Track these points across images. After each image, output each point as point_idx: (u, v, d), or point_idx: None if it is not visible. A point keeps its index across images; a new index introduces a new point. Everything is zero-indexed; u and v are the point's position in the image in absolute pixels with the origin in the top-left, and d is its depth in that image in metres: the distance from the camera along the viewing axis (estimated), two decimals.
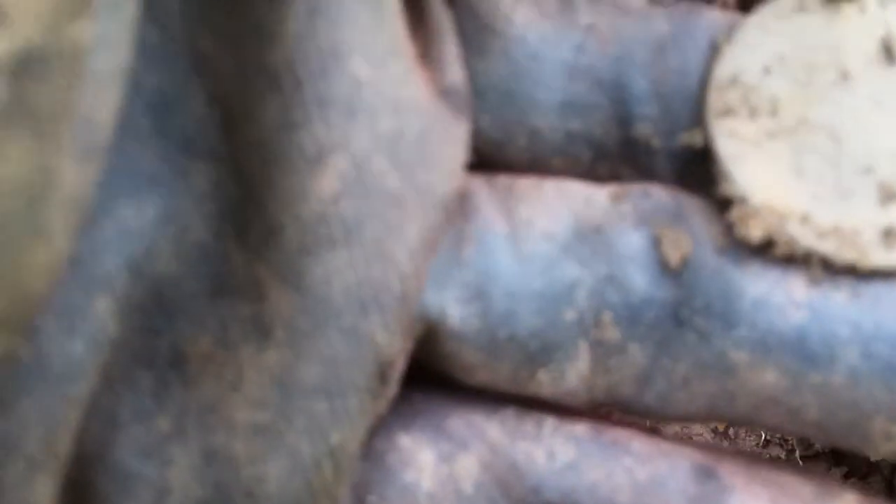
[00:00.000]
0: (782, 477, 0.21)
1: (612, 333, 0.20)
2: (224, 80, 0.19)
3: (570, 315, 0.20)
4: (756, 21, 0.22)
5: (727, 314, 0.20)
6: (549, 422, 0.21)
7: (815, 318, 0.19)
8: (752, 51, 0.22)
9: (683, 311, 0.20)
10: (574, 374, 0.21)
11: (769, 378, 0.20)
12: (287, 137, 0.19)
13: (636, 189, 0.21)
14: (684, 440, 0.21)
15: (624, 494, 0.20)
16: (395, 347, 0.20)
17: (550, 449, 0.21)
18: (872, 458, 0.21)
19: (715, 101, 0.21)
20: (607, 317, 0.20)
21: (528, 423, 0.21)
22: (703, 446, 0.21)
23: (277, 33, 0.18)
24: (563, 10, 0.21)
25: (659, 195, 0.21)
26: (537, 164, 0.21)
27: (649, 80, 0.21)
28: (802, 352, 0.19)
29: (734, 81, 0.21)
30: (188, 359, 0.19)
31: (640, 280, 0.20)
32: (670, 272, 0.20)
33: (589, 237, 0.20)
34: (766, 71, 0.21)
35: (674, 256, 0.20)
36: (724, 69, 0.21)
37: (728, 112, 0.21)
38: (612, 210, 0.21)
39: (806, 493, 0.20)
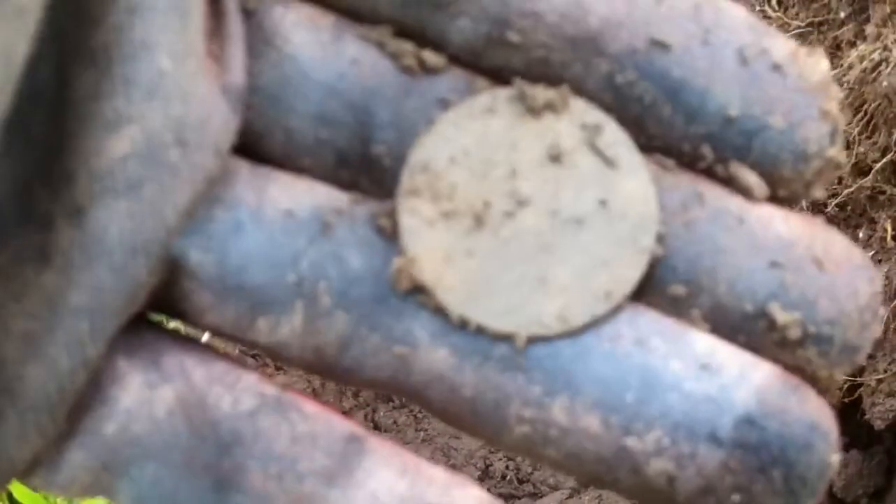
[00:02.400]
0: (422, 463, 0.25)
1: (325, 300, 0.24)
2: (65, 50, 0.23)
3: (291, 277, 0.24)
4: (451, 117, 0.25)
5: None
6: (247, 379, 0.25)
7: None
8: (443, 142, 0.25)
9: (384, 292, 0.25)
10: (288, 327, 0.25)
11: (440, 354, 0.24)
12: (94, 104, 0.23)
13: (372, 201, 0.25)
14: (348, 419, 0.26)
15: (281, 441, 0.24)
16: (151, 283, 0.24)
17: (237, 398, 0.25)
18: (508, 448, 0.25)
19: (406, 182, 0.25)
20: (322, 284, 0.24)
21: (230, 377, 0.25)
22: (365, 429, 0.25)
23: (100, 21, 0.23)
24: (336, 41, 0.25)
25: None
26: (290, 158, 0.25)
27: (392, 113, 0.25)
28: (469, 337, 0.24)
29: (424, 168, 0.25)
30: None
31: (355, 261, 0.25)
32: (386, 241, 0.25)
33: (322, 222, 0.25)
34: (452, 161, 0.25)
35: (389, 226, 0.25)
36: (417, 155, 0.25)
37: (414, 192, 0.25)
38: (349, 208, 0.25)
39: (437, 475, 0.25)
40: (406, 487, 0.24)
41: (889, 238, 1.19)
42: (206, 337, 0.27)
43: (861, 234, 1.21)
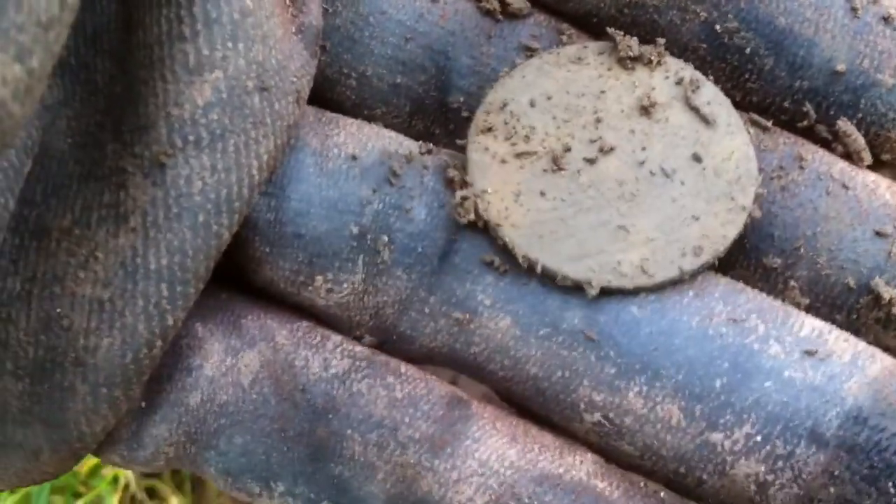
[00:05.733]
0: (531, 427, 0.22)
1: (386, 254, 0.23)
2: None
3: (353, 229, 0.23)
4: (536, 63, 0.24)
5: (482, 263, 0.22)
6: (334, 339, 0.23)
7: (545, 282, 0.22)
8: (525, 85, 0.24)
9: (447, 249, 0.22)
10: (349, 286, 0.23)
11: (503, 324, 0.22)
12: (170, 47, 0.21)
13: (444, 150, 0.23)
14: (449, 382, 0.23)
15: (378, 406, 0.22)
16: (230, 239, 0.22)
17: (326, 360, 0.23)
18: (581, 440, 0.23)
19: (480, 119, 0.24)
20: (385, 238, 0.22)
21: (316, 336, 0.23)
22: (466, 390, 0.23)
23: None
24: None
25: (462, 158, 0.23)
26: (362, 107, 0.24)
27: (473, 59, 0.24)
28: (536, 305, 0.22)
29: (502, 107, 0.24)
30: (49, 232, 0.21)
31: (421, 214, 0.23)
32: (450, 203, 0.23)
33: (388, 169, 0.23)
34: (532, 104, 0.24)
35: (459, 178, 0.23)
36: (496, 95, 0.24)
37: (488, 130, 0.24)
38: (418, 156, 0.23)
39: (548, 440, 0.22)
40: (517, 455, 0.22)
41: None
42: None
43: None
